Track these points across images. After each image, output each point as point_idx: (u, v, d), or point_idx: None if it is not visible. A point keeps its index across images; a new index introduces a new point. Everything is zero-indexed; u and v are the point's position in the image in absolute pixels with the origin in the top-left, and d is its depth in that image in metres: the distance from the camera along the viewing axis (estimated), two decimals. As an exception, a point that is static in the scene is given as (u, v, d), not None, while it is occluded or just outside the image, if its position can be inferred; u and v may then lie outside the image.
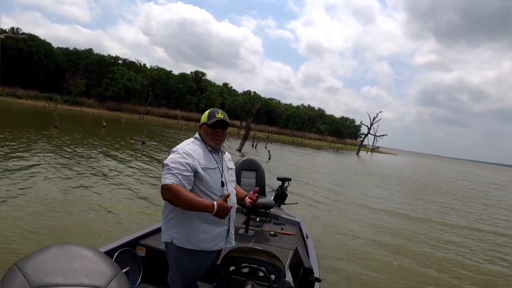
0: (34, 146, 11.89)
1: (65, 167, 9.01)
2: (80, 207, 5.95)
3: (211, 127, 2.19)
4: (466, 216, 10.78)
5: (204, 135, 2.24)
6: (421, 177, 26.73)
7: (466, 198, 15.80)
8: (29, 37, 55.02)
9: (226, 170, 2.27)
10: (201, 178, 2.09)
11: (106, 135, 21.22)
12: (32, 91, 53.69)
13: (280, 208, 5.39)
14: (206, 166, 2.12)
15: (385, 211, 9.71)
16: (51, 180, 7.50)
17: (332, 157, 34.14)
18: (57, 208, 5.69)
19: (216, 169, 2.19)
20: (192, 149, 2.14)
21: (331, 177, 17.05)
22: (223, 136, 2.24)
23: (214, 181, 2.14)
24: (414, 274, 5.23)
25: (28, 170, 8.03)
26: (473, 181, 29.63)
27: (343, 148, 74.44)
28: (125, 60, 71.18)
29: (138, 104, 65.25)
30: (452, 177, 31.19)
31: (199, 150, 2.16)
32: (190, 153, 2.10)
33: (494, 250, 7.17)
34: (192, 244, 2.10)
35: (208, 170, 2.13)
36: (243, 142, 24.44)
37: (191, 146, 2.18)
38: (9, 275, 1.15)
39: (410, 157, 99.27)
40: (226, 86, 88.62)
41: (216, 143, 2.22)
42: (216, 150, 2.26)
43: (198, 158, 2.11)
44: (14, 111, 32.38)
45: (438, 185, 21.21)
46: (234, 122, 69.59)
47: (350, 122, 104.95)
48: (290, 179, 5.60)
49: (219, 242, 2.18)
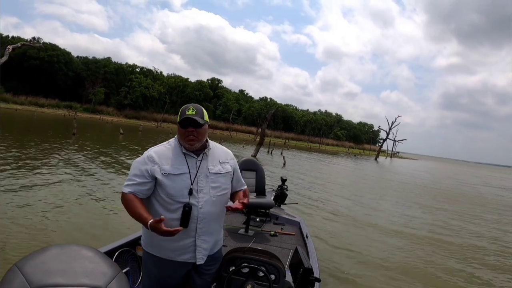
0: (52, 151, 12.18)
1: (77, 169, 9.02)
2: (83, 208, 6.08)
3: (182, 126, 1.95)
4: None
5: (179, 135, 2.00)
6: (446, 184, 24.95)
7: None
8: (49, 46, 56.52)
9: (204, 176, 1.99)
10: (161, 185, 1.92)
11: (122, 141, 21.35)
12: (53, 99, 55.09)
13: (280, 208, 5.41)
14: (168, 171, 1.92)
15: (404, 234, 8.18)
16: (59, 182, 7.53)
17: (349, 164, 33.29)
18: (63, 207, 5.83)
19: (184, 175, 1.94)
20: (159, 152, 1.98)
21: (345, 188, 15.30)
22: (199, 135, 1.95)
23: (178, 188, 1.92)
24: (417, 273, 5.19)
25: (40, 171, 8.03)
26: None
27: (361, 153, 73.20)
28: (142, 68, 72.24)
29: (155, 112, 65.95)
30: (481, 184, 29.70)
31: (167, 153, 1.98)
32: (152, 157, 1.95)
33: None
34: (156, 250, 2.01)
35: (170, 176, 1.92)
36: (258, 148, 24.42)
37: (160, 148, 2.01)
38: (9, 275, 1.15)
39: (431, 162, 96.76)
40: (242, 92, 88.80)
41: (189, 143, 1.95)
42: (194, 152, 2.00)
43: (160, 163, 1.93)
44: (35, 119, 33.07)
45: (469, 193, 19.78)
46: (250, 128, 69.92)
47: (369, 127, 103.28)
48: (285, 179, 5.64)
49: (184, 254, 1.99)
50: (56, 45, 59.37)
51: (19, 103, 48.69)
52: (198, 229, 1.97)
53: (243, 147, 33.55)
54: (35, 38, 59.40)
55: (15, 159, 10.05)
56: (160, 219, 1.77)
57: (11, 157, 10.36)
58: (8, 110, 40.83)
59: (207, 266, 2.12)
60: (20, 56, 50.13)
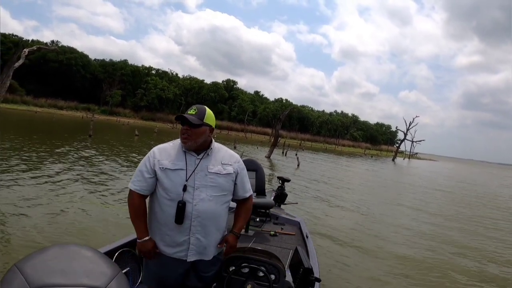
0: (67, 151, 12.49)
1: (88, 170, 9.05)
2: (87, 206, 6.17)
3: (180, 123, 2.02)
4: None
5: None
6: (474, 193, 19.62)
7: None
8: (67, 49, 57.85)
9: (202, 175, 2.02)
10: (159, 179, 2.00)
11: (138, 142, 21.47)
12: (71, 102, 56.28)
13: (280, 208, 5.42)
14: (166, 166, 1.99)
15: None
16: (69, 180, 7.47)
17: (365, 166, 32.40)
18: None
19: (180, 171, 2.00)
20: (162, 148, 2.08)
21: (361, 196, 12.98)
22: (192, 134, 1.99)
23: (173, 183, 1.98)
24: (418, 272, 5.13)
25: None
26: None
27: (378, 154, 72.01)
28: (158, 70, 73.13)
29: (171, 113, 66.52)
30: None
31: (169, 150, 2.06)
32: (155, 152, 2.04)
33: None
34: None
35: (167, 171, 1.99)
36: (272, 149, 24.39)
37: (164, 145, 2.10)
38: (9, 276, 1.15)
39: (451, 163, 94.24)
40: (257, 94, 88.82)
41: (182, 141, 2.03)
42: (195, 151, 2.05)
43: (161, 158, 2.02)
44: (54, 121, 33.74)
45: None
46: (265, 130, 69.70)
47: (386, 128, 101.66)
48: (288, 180, 5.75)
49: (179, 251, 2.04)
50: (74, 48, 60.81)
51: (39, 105, 49.96)
52: (192, 226, 2.00)
53: (257, 148, 33.39)
54: (54, 42, 60.95)
55: (23, 160, 10.09)
56: (156, 250, 2.05)
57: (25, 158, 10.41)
58: (28, 112, 41.90)
59: (206, 269, 2.15)
60: (40, 59, 51.45)
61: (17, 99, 47.38)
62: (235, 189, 2.17)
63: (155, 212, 2.06)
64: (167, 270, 2.09)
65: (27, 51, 14.96)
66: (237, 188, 2.18)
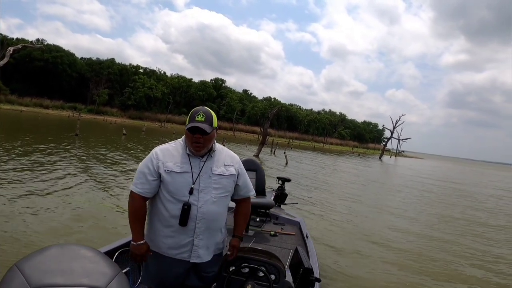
0: (54, 150, 12.35)
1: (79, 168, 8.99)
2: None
3: (190, 131, 1.98)
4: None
5: (186, 139, 2.05)
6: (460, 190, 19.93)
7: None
8: (53, 47, 56.72)
9: (207, 177, 2.03)
10: (164, 182, 1.99)
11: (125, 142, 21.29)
12: (57, 101, 55.19)
13: (280, 208, 5.44)
14: (171, 169, 1.98)
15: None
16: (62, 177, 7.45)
17: (352, 164, 32.83)
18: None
19: (186, 174, 2.00)
20: (165, 149, 2.06)
21: (345, 188, 14.27)
22: (205, 141, 1.99)
23: (179, 186, 1.98)
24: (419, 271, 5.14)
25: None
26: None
27: (365, 152, 72.80)
28: (145, 69, 72.30)
29: (159, 112, 65.99)
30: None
31: (173, 152, 2.05)
32: (158, 154, 2.02)
33: None
34: (155, 246, 2.07)
35: (172, 173, 1.98)
36: (260, 148, 24.49)
37: (165, 146, 2.08)
38: (9, 276, 1.15)
39: (437, 161, 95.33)
40: (246, 92, 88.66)
41: (195, 149, 2.01)
42: (199, 154, 2.05)
43: (164, 160, 2.00)
44: (39, 120, 33.14)
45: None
46: (254, 128, 69.69)
47: (373, 126, 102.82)
48: (289, 180, 5.80)
49: (182, 253, 2.04)
50: (60, 47, 59.62)
51: (24, 104, 48.86)
52: (196, 228, 2.01)
53: (246, 147, 33.46)
54: (39, 40, 59.71)
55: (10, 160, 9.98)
56: (149, 253, 2.06)
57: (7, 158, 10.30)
58: (13, 111, 41.06)
59: (207, 269, 2.14)
60: (25, 58, 50.42)
61: (1, 98, 46.37)
62: (238, 189, 2.20)
63: (158, 213, 2.05)
64: (167, 271, 2.08)
65: (12, 49, 14.82)
66: (241, 188, 2.21)
